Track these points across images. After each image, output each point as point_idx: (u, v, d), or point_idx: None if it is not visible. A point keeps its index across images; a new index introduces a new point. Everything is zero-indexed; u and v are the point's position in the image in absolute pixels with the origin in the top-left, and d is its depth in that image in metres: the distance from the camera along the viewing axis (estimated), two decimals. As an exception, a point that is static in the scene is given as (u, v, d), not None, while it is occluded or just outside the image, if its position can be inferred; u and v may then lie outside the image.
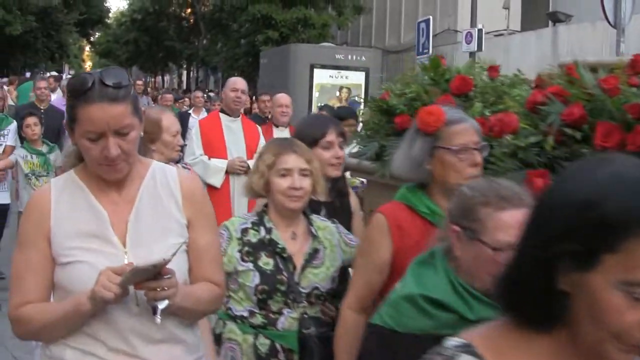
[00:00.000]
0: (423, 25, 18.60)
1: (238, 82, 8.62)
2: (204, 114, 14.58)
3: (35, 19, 38.87)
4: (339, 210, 4.34)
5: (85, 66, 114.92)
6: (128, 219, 2.76)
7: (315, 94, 19.59)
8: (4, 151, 9.13)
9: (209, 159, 7.99)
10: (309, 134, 4.21)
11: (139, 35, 58.96)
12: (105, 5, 58.99)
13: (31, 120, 8.68)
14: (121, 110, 2.59)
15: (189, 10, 57.22)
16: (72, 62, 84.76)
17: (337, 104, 15.52)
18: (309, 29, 31.16)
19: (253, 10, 31.17)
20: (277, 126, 9.39)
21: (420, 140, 3.31)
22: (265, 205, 3.78)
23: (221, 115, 8.45)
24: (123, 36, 63.67)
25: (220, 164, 7.99)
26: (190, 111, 16.09)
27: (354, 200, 4.62)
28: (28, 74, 30.41)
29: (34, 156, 8.68)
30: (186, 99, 21.12)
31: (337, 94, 19.51)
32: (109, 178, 2.75)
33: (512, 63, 26.35)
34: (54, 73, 50.23)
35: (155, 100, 18.35)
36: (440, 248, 2.68)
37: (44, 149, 8.80)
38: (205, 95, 19.07)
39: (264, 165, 3.68)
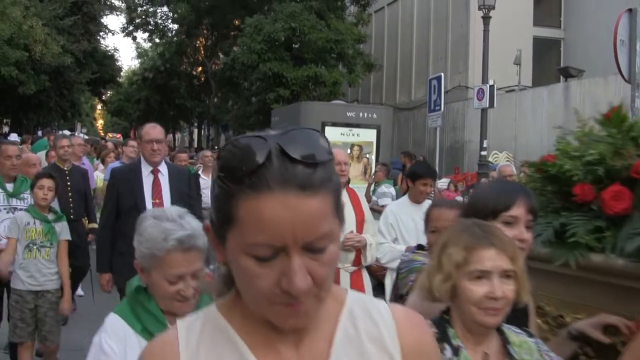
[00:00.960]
0: (435, 82, 18.60)
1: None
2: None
3: (48, 79, 39.15)
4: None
5: (97, 124, 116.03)
6: None
7: (327, 152, 19.52)
8: None
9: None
10: (488, 204, 3.25)
11: (150, 93, 59.36)
12: (117, 64, 59.41)
13: (47, 182, 7.34)
14: (317, 208, 1.46)
15: (199, 69, 57.73)
16: (84, 120, 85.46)
17: (350, 163, 15.44)
18: (320, 86, 31.27)
19: (264, 68, 31.30)
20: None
21: None
22: (446, 311, 2.77)
23: None
24: (134, 94, 64.11)
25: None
26: (200, 172, 14.91)
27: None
28: (40, 133, 30.52)
29: (37, 223, 7.30)
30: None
31: (349, 151, 19.45)
32: (285, 325, 1.57)
33: (524, 119, 26.49)
34: (67, 131, 50.64)
35: (170, 159, 17.46)
36: None
37: (50, 216, 7.43)
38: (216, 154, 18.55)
39: (451, 263, 2.67)
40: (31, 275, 7.17)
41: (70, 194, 9.75)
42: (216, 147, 45.21)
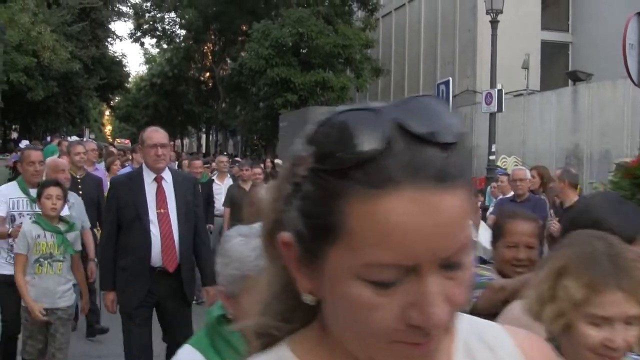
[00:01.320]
0: (443, 86, 18.59)
1: None
2: (229, 181, 14.06)
3: (56, 84, 39.25)
4: None
5: (105, 130, 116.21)
6: None
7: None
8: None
9: None
10: (625, 229, 2.57)
11: (158, 99, 59.46)
12: (125, 70, 59.55)
13: (54, 191, 6.80)
14: (459, 208, 1.01)
15: (207, 74, 57.81)
16: (92, 126, 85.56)
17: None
18: (328, 91, 31.29)
19: (271, 74, 31.34)
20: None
21: None
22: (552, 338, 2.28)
23: None
24: (142, 100, 64.21)
25: None
26: (214, 177, 14.41)
27: None
28: (48, 138, 30.57)
29: (48, 235, 6.71)
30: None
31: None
32: None
33: (532, 123, 26.41)
34: (75, 137, 50.70)
35: (181, 165, 16.67)
36: None
37: (61, 226, 6.84)
38: (231, 160, 17.88)
39: (568, 299, 2.22)
40: (42, 293, 6.63)
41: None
42: (228, 153, 45.26)
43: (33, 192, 7.50)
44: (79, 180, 9.69)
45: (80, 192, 9.14)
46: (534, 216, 4.26)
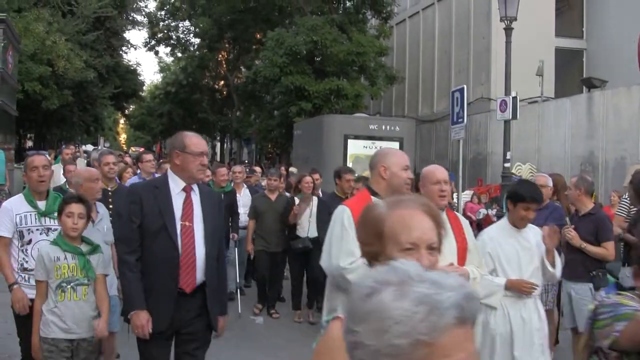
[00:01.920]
0: (457, 94, 18.48)
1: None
2: (245, 191, 13.94)
3: (71, 93, 39.40)
4: None
5: (120, 138, 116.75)
6: None
7: (349, 165, 19.53)
8: None
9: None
10: None
11: (172, 107, 59.61)
12: (140, 78, 59.78)
13: (76, 208, 6.11)
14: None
15: (222, 83, 57.95)
16: (107, 134, 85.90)
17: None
18: (342, 99, 31.25)
19: (286, 82, 31.31)
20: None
21: None
22: None
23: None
24: (157, 109, 64.37)
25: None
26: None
27: None
28: (63, 147, 30.68)
29: (69, 256, 6.07)
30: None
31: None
32: None
33: (547, 130, 26.36)
34: (90, 146, 51.05)
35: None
36: None
37: (83, 248, 6.16)
38: (247, 169, 17.33)
39: None
40: (67, 321, 5.98)
41: (110, 217, 8.03)
42: (242, 160, 45.29)
43: (42, 204, 6.96)
44: (110, 193, 9.06)
45: (110, 206, 8.51)
46: None
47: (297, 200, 12.09)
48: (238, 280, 13.20)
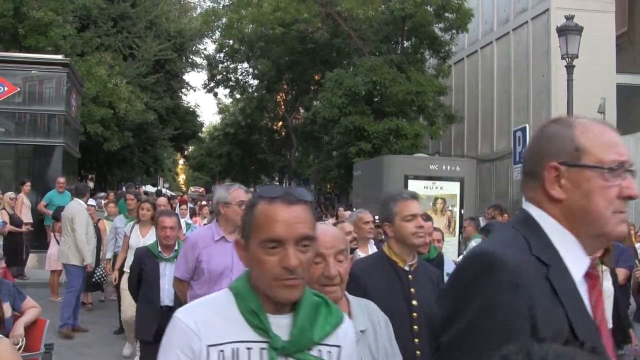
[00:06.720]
0: (519, 133, 18.24)
1: None
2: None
3: (132, 135, 39.91)
4: None
5: (179, 179, 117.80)
6: None
7: (411, 205, 19.29)
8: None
9: None
10: None
11: (231, 148, 59.96)
12: (199, 120, 60.35)
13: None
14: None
15: (280, 123, 58.22)
16: (167, 175, 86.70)
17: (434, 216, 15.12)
18: (402, 139, 31.09)
19: (345, 122, 31.31)
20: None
21: None
22: None
23: None
24: (216, 149, 64.78)
25: None
26: None
27: None
28: (123, 188, 31.02)
29: None
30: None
31: (432, 205, 19.17)
32: None
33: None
34: (150, 186, 51.42)
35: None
36: None
37: None
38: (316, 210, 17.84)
39: None
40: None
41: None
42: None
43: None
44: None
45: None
46: None
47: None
48: None
